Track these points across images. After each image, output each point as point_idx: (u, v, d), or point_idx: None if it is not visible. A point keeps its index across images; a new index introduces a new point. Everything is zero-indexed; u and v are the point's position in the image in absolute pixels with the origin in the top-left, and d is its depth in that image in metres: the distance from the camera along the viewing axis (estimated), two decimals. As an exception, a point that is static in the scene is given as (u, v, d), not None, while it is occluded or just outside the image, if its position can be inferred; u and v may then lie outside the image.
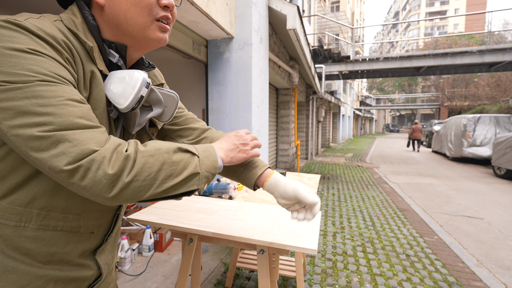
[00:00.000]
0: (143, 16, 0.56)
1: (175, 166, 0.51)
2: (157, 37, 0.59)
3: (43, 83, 0.43)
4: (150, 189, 0.49)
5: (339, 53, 9.15)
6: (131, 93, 0.55)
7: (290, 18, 3.40)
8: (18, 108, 0.42)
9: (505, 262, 2.54)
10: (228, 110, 2.94)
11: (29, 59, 0.43)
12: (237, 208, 1.28)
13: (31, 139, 0.42)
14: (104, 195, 0.46)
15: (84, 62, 0.53)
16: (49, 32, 0.47)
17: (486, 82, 21.77)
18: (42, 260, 0.54)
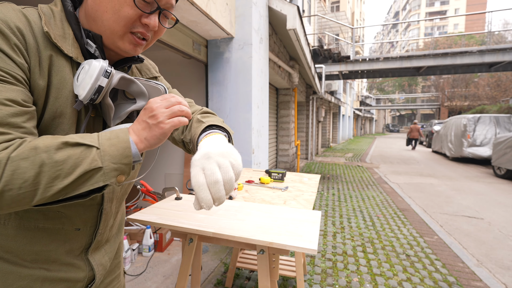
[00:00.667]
0: (118, 25, 0.53)
1: (60, 166, 0.43)
2: (125, 48, 0.56)
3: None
4: (36, 194, 0.42)
5: (339, 53, 9.15)
6: (88, 83, 0.50)
7: (290, 18, 3.40)
8: None
9: (505, 262, 2.54)
10: (228, 110, 2.94)
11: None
12: (237, 208, 1.28)
13: None
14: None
15: (42, 48, 0.50)
16: (2, 18, 0.45)
17: (486, 82, 21.76)
18: (27, 259, 0.53)
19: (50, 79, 0.50)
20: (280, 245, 0.93)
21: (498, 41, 24.49)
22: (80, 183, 0.45)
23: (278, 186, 1.79)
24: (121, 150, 0.48)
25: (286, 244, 0.93)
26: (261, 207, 1.31)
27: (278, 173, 1.93)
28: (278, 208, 1.30)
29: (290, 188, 1.74)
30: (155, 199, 2.65)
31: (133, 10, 0.53)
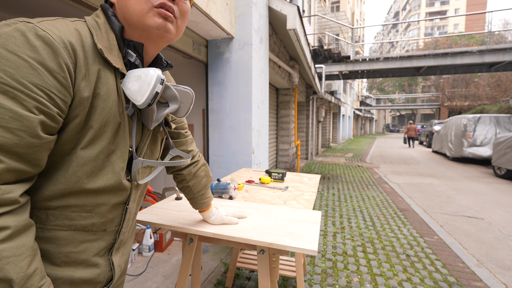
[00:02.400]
0: (140, 5, 0.55)
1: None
2: (155, 23, 0.57)
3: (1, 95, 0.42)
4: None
5: (339, 53, 9.15)
6: (147, 89, 0.56)
7: (290, 18, 3.40)
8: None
9: (506, 262, 2.54)
10: (228, 110, 2.94)
11: (10, 61, 0.43)
12: (237, 208, 1.28)
13: None
14: None
15: (90, 62, 0.53)
16: (56, 33, 0.47)
17: (486, 82, 21.75)
18: (57, 262, 0.55)
19: (97, 91, 0.54)
20: (280, 246, 0.93)
21: (498, 41, 24.49)
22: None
23: (278, 186, 1.79)
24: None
25: (286, 245, 0.93)
26: (261, 207, 1.31)
27: (278, 173, 1.93)
28: (278, 208, 1.30)
29: (290, 188, 1.74)
30: (155, 199, 2.65)
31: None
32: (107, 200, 0.60)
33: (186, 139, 0.90)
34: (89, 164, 0.54)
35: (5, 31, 0.44)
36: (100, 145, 0.55)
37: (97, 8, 1.66)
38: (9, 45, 0.43)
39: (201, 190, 0.99)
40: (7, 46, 0.43)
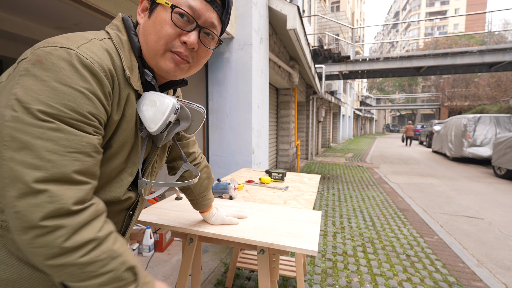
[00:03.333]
0: (158, 44, 0.57)
1: (117, 282, 0.48)
2: (166, 67, 0.59)
3: (68, 128, 0.45)
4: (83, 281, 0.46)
5: (339, 53, 9.14)
6: (161, 119, 0.57)
7: (290, 18, 3.40)
8: (29, 144, 0.43)
9: (506, 262, 2.54)
10: (228, 110, 2.94)
11: (68, 95, 0.45)
12: (237, 208, 1.27)
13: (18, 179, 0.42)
14: (42, 260, 0.44)
15: (122, 87, 0.55)
16: (97, 61, 0.49)
17: (487, 82, 21.74)
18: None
19: (124, 113, 0.57)
20: (280, 246, 0.93)
21: (498, 41, 24.48)
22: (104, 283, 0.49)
23: (278, 186, 1.79)
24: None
25: (286, 245, 0.93)
26: (261, 207, 1.31)
27: (278, 173, 1.93)
28: (278, 208, 1.30)
29: (290, 188, 1.74)
30: (155, 199, 2.65)
31: (173, 29, 0.56)
32: (112, 208, 0.62)
33: (188, 141, 0.91)
34: (101, 180, 0.56)
35: (52, 61, 0.45)
36: (114, 163, 0.57)
37: (96, 8, 1.66)
38: (62, 78, 0.45)
39: (203, 192, 0.99)
40: (60, 80, 0.45)
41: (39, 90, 0.44)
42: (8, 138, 0.43)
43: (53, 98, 0.44)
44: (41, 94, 0.44)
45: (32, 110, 0.43)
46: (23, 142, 0.43)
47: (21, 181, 0.42)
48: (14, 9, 2.13)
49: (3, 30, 2.36)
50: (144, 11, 0.60)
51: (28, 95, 0.44)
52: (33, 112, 0.43)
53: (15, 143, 0.43)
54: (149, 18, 0.57)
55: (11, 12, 2.20)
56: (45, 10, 2.12)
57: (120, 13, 0.62)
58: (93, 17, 2.19)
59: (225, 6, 0.63)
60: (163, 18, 0.56)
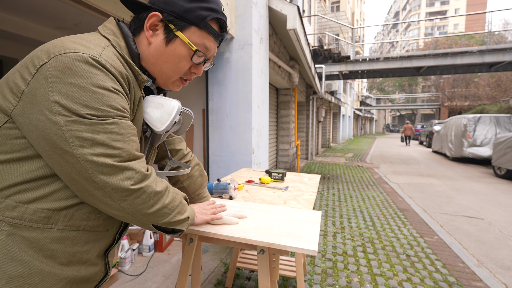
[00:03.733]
0: (174, 73, 0.68)
1: (183, 207, 0.72)
2: (173, 88, 0.73)
3: (118, 119, 0.54)
4: (168, 216, 0.66)
5: (339, 53, 9.15)
6: (167, 119, 0.66)
7: (290, 18, 3.40)
8: (97, 140, 0.51)
9: (506, 262, 2.54)
10: (228, 110, 2.94)
11: (108, 96, 0.53)
12: (237, 208, 1.27)
13: (104, 166, 0.52)
14: (145, 211, 0.60)
15: (135, 90, 0.62)
16: (117, 68, 0.56)
17: (487, 82, 21.74)
18: (63, 262, 0.57)
19: (136, 115, 0.64)
20: (280, 246, 0.93)
21: (498, 41, 24.47)
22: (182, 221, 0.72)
23: (278, 186, 1.79)
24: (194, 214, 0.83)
25: (286, 245, 0.93)
26: (261, 207, 1.31)
27: (278, 173, 1.93)
28: (278, 208, 1.30)
29: (290, 188, 1.74)
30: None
31: (188, 64, 0.68)
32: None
33: (174, 138, 0.94)
34: None
35: (82, 68, 0.50)
36: None
37: (96, 8, 1.66)
38: (98, 83, 0.52)
39: (197, 190, 1.02)
40: (97, 84, 0.52)
41: (82, 97, 0.50)
42: (73, 139, 0.50)
43: (98, 102, 0.51)
44: (86, 100, 0.50)
45: (83, 115, 0.50)
46: (92, 139, 0.51)
47: (107, 165, 0.52)
48: (14, 9, 2.13)
49: (3, 30, 2.36)
50: (152, 28, 0.64)
51: (74, 103, 0.49)
52: (85, 116, 0.50)
53: (84, 141, 0.50)
54: (166, 46, 0.64)
55: (11, 12, 2.20)
56: (45, 10, 2.12)
57: (111, 17, 0.65)
58: (93, 17, 2.19)
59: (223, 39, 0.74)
60: (182, 54, 0.65)
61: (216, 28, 0.67)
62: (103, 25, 0.63)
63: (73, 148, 0.49)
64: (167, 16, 0.62)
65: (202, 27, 0.64)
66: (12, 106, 0.50)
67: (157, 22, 0.63)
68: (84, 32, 2.56)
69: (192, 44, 0.64)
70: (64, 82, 0.48)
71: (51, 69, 0.48)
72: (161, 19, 0.62)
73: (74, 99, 0.49)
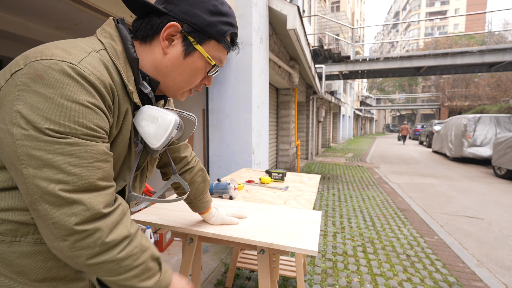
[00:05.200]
0: (186, 85, 0.64)
1: (147, 272, 0.55)
2: (180, 98, 0.68)
3: (82, 140, 0.46)
4: (118, 276, 0.51)
5: (339, 53, 9.14)
6: (163, 135, 0.59)
7: (290, 18, 3.40)
8: (50, 161, 0.43)
9: (506, 262, 2.54)
10: (228, 110, 2.94)
11: (77, 111, 0.45)
12: (237, 208, 1.27)
13: (50, 194, 0.44)
14: (85, 260, 0.47)
15: (121, 102, 0.55)
16: (99, 77, 0.49)
17: (487, 82, 21.73)
18: (36, 278, 0.52)
19: (121, 128, 0.57)
20: (280, 246, 0.93)
21: (499, 41, 24.47)
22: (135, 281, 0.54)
23: (278, 186, 1.79)
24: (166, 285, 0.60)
25: (286, 245, 0.93)
26: (261, 207, 1.31)
27: (278, 173, 1.93)
28: (279, 208, 1.30)
29: (290, 188, 1.74)
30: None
31: (203, 76, 0.65)
32: None
33: (179, 145, 0.89)
34: None
35: (54, 77, 0.44)
36: None
37: (96, 8, 1.66)
38: (68, 95, 0.44)
39: (199, 195, 0.98)
40: (67, 96, 0.44)
41: (47, 109, 0.43)
42: (24, 156, 0.43)
43: (63, 116, 0.44)
44: (49, 113, 0.43)
45: (42, 129, 0.43)
46: (44, 160, 0.43)
47: (52, 195, 0.44)
48: (14, 9, 2.13)
49: (3, 30, 2.36)
50: (169, 38, 0.59)
51: (35, 114, 0.43)
52: (44, 131, 0.43)
53: (34, 161, 0.43)
54: (184, 59, 0.60)
55: (11, 12, 2.20)
56: (45, 10, 2.12)
57: (111, 17, 0.60)
58: (93, 17, 2.19)
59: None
60: (199, 67, 0.62)
61: (230, 41, 0.66)
62: (101, 27, 0.59)
63: (23, 166, 0.43)
64: (186, 28, 0.58)
65: (221, 42, 0.62)
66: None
67: (174, 33, 0.58)
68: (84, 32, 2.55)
69: (211, 58, 0.62)
70: (32, 91, 0.43)
71: (23, 76, 0.44)
72: (180, 31, 0.58)
73: (37, 110, 0.43)
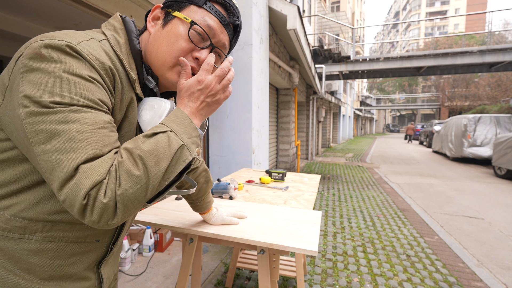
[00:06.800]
0: (170, 57, 0.57)
1: (154, 153, 0.48)
2: (172, 79, 0.59)
3: (85, 109, 0.45)
4: (147, 187, 0.47)
5: (340, 53, 9.15)
6: (158, 122, 0.56)
7: (290, 18, 3.40)
8: (55, 131, 0.42)
9: (506, 262, 2.54)
10: (228, 110, 2.93)
11: (79, 83, 0.45)
12: (237, 208, 1.27)
13: (58, 168, 0.42)
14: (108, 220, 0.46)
15: (125, 89, 0.55)
16: (98, 58, 0.48)
17: (487, 82, 21.73)
18: (44, 276, 0.52)
19: (126, 114, 0.56)
20: (280, 246, 0.93)
21: (499, 41, 24.46)
22: (174, 162, 0.50)
23: (278, 186, 1.79)
24: (188, 125, 0.54)
25: (286, 245, 0.93)
26: (261, 207, 1.31)
27: (278, 173, 1.93)
28: (279, 208, 1.30)
29: (290, 188, 1.74)
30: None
31: (187, 44, 0.57)
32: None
33: None
34: None
35: (54, 53, 0.44)
36: None
37: (96, 8, 1.66)
38: (70, 68, 0.44)
39: (202, 195, 0.98)
40: (68, 70, 0.44)
41: (48, 83, 0.43)
42: (32, 134, 0.42)
43: (65, 88, 0.43)
44: (51, 86, 0.43)
45: (44, 102, 0.42)
46: (49, 131, 0.42)
47: (60, 168, 0.42)
48: (14, 9, 2.13)
49: (3, 30, 2.36)
50: (155, 19, 0.60)
51: (37, 89, 0.42)
52: (46, 104, 0.42)
53: (41, 135, 0.42)
54: (162, 29, 0.58)
55: (11, 12, 2.20)
56: (45, 10, 2.12)
57: (117, 13, 0.61)
58: (93, 17, 2.19)
59: (236, 31, 0.65)
60: (178, 31, 0.56)
61: (221, 10, 0.60)
62: (107, 21, 0.59)
63: (33, 145, 0.43)
64: (167, 4, 0.59)
65: (201, 5, 0.57)
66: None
67: (159, 14, 0.60)
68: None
69: (187, 17, 0.56)
70: (33, 69, 0.43)
71: (23, 58, 0.44)
72: (162, 8, 0.60)
73: (39, 85, 0.42)
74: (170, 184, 0.53)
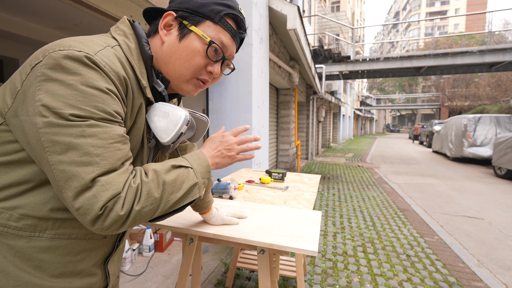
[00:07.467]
0: (187, 71, 0.61)
1: (174, 183, 0.55)
2: (188, 90, 0.65)
3: (101, 123, 0.48)
4: (157, 209, 0.53)
5: (340, 53, 9.14)
6: (173, 130, 0.60)
7: (290, 18, 3.40)
8: (72, 144, 0.45)
9: (506, 263, 2.54)
10: (228, 110, 2.93)
11: (97, 97, 0.47)
12: (237, 208, 1.27)
13: (73, 179, 0.45)
14: (116, 230, 0.50)
15: (136, 96, 0.57)
16: (114, 68, 0.51)
17: (487, 82, 21.73)
18: (54, 273, 0.53)
19: (135, 121, 0.59)
20: (280, 246, 0.93)
21: (499, 41, 24.45)
22: (185, 196, 0.57)
23: (278, 186, 1.79)
24: (205, 168, 0.63)
25: (286, 245, 0.93)
26: (261, 207, 1.30)
27: (278, 173, 1.93)
28: (279, 208, 1.30)
29: (290, 188, 1.74)
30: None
31: (204, 60, 0.61)
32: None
33: (186, 144, 0.90)
34: None
35: (73, 65, 0.46)
36: None
37: (96, 8, 1.66)
38: (88, 81, 0.47)
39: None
40: (87, 82, 0.46)
41: (68, 95, 0.45)
42: (48, 143, 0.44)
43: (83, 101, 0.46)
44: (70, 99, 0.45)
45: (64, 115, 0.44)
46: (67, 144, 0.45)
47: (77, 179, 0.45)
48: (14, 9, 2.13)
49: (3, 30, 2.36)
50: (167, 27, 0.61)
51: (57, 101, 0.44)
52: (66, 117, 0.44)
53: (58, 146, 0.44)
54: (179, 42, 0.59)
55: (11, 12, 2.20)
56: (45, 10, 2.12)
57: (125, 17, 0.62)
58: (93, 17, 2.19)
59: (241, 42, 0.69)
60: (196, 48, 0.60)
61: (233, 25, 0.63)
62: (115, 25, 0.60)
63: (48, 154, 0.45)
64: (181, 14, 0.60)
65: (217, 21, 0.60)
66: (7, 108, 0.48)
67: (171, 22, 0.61)
68: (84, 32, 2.55)
69: (205, 35, 0.59)
70: (52, 80, 0.45)
71: (42, 67, 0.46)
72: (176, 17, 0.60)
73: (58, 97, 0.44)
74: (171, 212, 0.59)
